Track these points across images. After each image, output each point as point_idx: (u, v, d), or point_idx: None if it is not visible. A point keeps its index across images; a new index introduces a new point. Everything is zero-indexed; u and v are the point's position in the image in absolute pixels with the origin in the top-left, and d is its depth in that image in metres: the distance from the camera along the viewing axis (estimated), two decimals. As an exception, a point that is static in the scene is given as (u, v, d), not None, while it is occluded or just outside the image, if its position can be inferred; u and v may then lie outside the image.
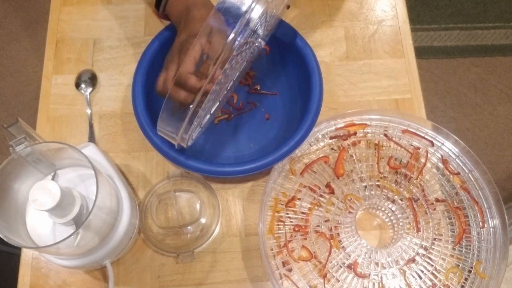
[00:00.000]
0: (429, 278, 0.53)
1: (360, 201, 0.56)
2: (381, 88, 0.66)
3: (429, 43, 1.53)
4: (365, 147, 0.59)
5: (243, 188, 0.60)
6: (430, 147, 0.59)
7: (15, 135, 0.43)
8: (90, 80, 0.65)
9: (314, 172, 0.58)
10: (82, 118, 0.64)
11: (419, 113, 0.64)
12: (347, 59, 0.67)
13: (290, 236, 0.55)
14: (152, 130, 0.53)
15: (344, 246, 0.54)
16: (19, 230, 0.47)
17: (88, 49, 0.68)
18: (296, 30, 0.58)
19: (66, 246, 0.45)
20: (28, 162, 0.46)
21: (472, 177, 0.57)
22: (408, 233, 0.55)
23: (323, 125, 0.60)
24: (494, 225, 0.55)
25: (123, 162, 0.61)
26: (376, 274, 0.53)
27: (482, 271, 0.53)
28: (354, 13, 0.70)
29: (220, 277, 0.56)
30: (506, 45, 1.52)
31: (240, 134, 0.62)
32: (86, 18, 0.70)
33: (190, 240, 0.57)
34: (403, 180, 0.57)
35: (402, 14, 0.71)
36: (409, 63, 0.67)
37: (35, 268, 0.56)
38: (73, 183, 0.50)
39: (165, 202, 0.59)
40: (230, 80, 0.55)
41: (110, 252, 0.50)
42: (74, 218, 0.45)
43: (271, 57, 0.63)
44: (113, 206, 0.49)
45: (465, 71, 1.50)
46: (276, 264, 0.53)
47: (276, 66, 0.64)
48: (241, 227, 0.58)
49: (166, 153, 0.53)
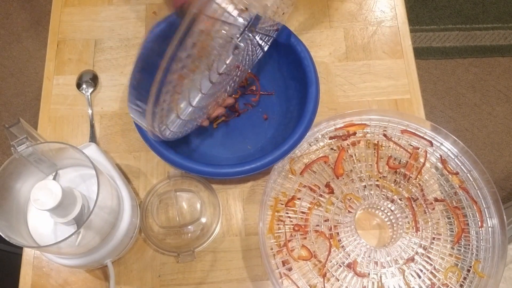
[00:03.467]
0: (428, 277, 0.53)
1: (360, 200, 0.56)
2: (380, 89, 0.66)
3: (428, 43, 1.53)
4: (365, 147, 0.60)
5: (243, 188, 0.60)
6: (429, 147, 0.59)
7: (16, 135, 0.44)
8: (91, 80, 0.66)
9: (314, 172, 0.58)
10: (83, 118, 0.64)
11: (418, 113, 0.65)
12: (347, 60, 0.68)
13: (290, 235, 0.55)
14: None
15: (344, 246, 0.54)
16: (20, 229, 0.47)
17: (89, 50, 0.68)
18: (290, 29, 0.59)
19: (67, 246, 0.45)
20: (29, 162, 0.46)
21: (470, 177, 0.58)
22: (407, 233, 0.55)
23: (323, 125, 0.60)
24: (492, 224, 0.55)
25: (124, 162, 0.62)
26: (375, 273, 0.53)
27: (480, 270, 0.54)
28: (353, 14, 0.71)
29: (221, 276, 0.56)
30: (504, 45, 1.53)
31: (238, 135, 0.62)
32: (87, 19, 0.70)
33: (191, 239, 0.58)
34: (402, 180, 0.58)
35: (401, 15, 0.71)
36: (408, 63, 0.68)
37: (36, 267, 0.56)
38: (74, 183, 0.50)
39: (165, 202, 0.59)
40: (225, 82, 0.55)
41: (111, 252, 0.50)
42: (75, 218, 0.45)
43: (267, 57, 0.63)
44: (114, 205, 0.49)
45: (464, 72, 1.50)
46: (276, 263, 0.54)
47: (272, 65, 0.64)
48: (241, 227, 0.59)
49: (164, 154, 0.53)
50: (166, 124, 0.47)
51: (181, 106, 0.48)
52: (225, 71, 0.50)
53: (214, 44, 0.43)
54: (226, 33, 0.43)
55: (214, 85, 0.50)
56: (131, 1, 0.71)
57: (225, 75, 0.51)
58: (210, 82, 0.49)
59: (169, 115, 0.47)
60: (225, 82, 0.54)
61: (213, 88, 0.51)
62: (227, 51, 0.48)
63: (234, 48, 0.48)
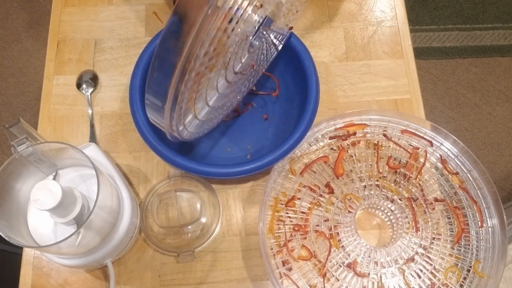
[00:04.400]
0: (428, 277, 0.53)
1: (360, 200, 0.56)
2: (380, 89, 0.66)
3: (428, 43, 1.53)
4: (365, 147, 0.60)
5: (243, 188, 0.60)
6: (429, 147, 0.59)
7: (16, 135, 0.44)
8: (91, 80, 0.66)
9: (314, 172, 0.58)
10: (83, 118, 0.64)
11: (418, 113, 0.65)
12: (347, 60, 0.68)
13: (290, 235, 0.55)
14: (149, 131, 0.53)
15: (344, 246, 0.54)
16: (20, 229, 0.47)
17: (89, 50, 0.68)
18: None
19: (67, 246, 0.45)
20: (29, 162, 0.46)
21: (470, 177, 0.58)
22: (407, 233, 0.55)
23: (323, 125, 0.60)
24: (492, 224, 0.55)
25: (124, 162, 0.62)
26: (375, 273, 0.53)
27: (480, 270, 0.54)
28: (353, 14, 0.71)
29: (221, 276, 0.56)
30: (504, 45, 1.53)
31: (238, 135, 0.62)
32: (87, 19, 0.70)
33: (191, 239, 0.58)
34: (402, 180, 0.58)
35: (401, 15, 0.71)
36: (408, 63, 0.68)
37: (36, 267, 0.56)
38: (74, 183, 0.50)
39: (165, 202, 0.59)
40: (240, 83, 0.54)
41: (111, 252, 0.50)
42: (75, 218, 0.45)
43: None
44: (114, 205, 0.49)
45: (464, 72, 1.50)
46: (276, 263, 0.54)
47: (272, 66, 0.64)
48: (241, 227, 0.59)
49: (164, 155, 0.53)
50: (184, 124, 0.47)
51: (198, 106, 0.48)
52: (241, 70, 0.50)
53: (230, 42, 0.42)
54: (241, 30, 0.43)
55: (230, 85, 0.50)
56: (131, 1, 0.71)
57: (240, 74, 0.51)
58: (226, 81, 0.49)
59: (187, 115, 0.47)
60: (240, 83, 0.54)
61: (229, 88, 0.51)
62: (243, 49, 0.47)
63: (249, 46, 0.48)
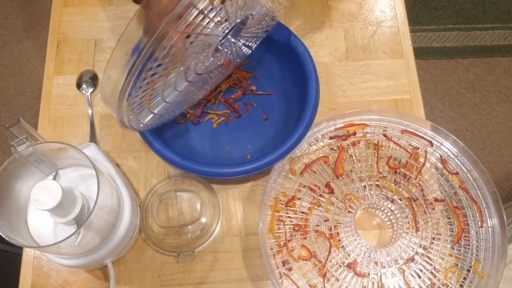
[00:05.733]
0: (428, 277, 0.53)
1: (360, 200, 0.56)
2: (380, 89, 0.66)
3: (428, 43, 1.53)
4: (365, 147, 0.60)
5: (243, 188, 0.60)
6: (429, 147, 0.59)
7: (16, 135, 0.44)
8: (91, 80, 0.66)
9: (314, 172, 0.58)
10: (83, 118, 0.64)
11: (418, 113, 0.65)
12: (347, 60, 0.68)
13: (290, 235, 0.55)
14: (149, 131, 0.53)
15: (344, 246, 0.54)
16: (20, 229, 0.47)
17: (89, 50, 0.68)
18: (290, 29, 0.59)
19: (67, 246, 0.45)
20: (29, 162, 0.46)
21: (470, 177, 0.58)
22: (407, 233, 0.55)
23: (323, 125, 0.60)
24: (492, 224, 0.55)
25: (124, 162, 0.62)
26: (375, 273, 0.53)
27: (481, 270, 0.54)
28: (353, 14, 0.71)
29: (221, 276, 0.56)
30: (504, 45, 1.53)
31: (238, 136, 0.62)
32: (87, 19, 0.70)
33: (191, 239, 0.58)
34: (402, 180, 0.58)
35: (401, 15, 0.71)
36: (408, 63, 0.68)
37: (36, 267, 0.56)
38: (74, 183, 0.50)
39: (165, 202, 0.59)
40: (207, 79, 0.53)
41: (111, 252, 0.50)
42: (75, 218, 0.45)
43: (267, 57, 0.63)
44: (114, 205, 0.49)
45: (464, 72, 1.50)
46: (276, 263, 0.54)
47: (272, 66, 0.64)
48: (241, 227, 0.59)
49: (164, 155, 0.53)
50: (137, 118, 0.46)
51: (153, 103, 0.47)
52: (204, 71, 0.49)
53: (189, 52, 0.41)
54: (202, 42, 0.42)
55: (193, 83, 0.49)
56: (131, 1, 0.71)
57: (205, 73, 0.50)
58: (187, 81, 0.48)
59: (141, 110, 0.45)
60: (204, 80, 0.53)
61: (192, 86, 0.50)
62: (206, 55, 0.46)
63: (214, 51, 0.47)
